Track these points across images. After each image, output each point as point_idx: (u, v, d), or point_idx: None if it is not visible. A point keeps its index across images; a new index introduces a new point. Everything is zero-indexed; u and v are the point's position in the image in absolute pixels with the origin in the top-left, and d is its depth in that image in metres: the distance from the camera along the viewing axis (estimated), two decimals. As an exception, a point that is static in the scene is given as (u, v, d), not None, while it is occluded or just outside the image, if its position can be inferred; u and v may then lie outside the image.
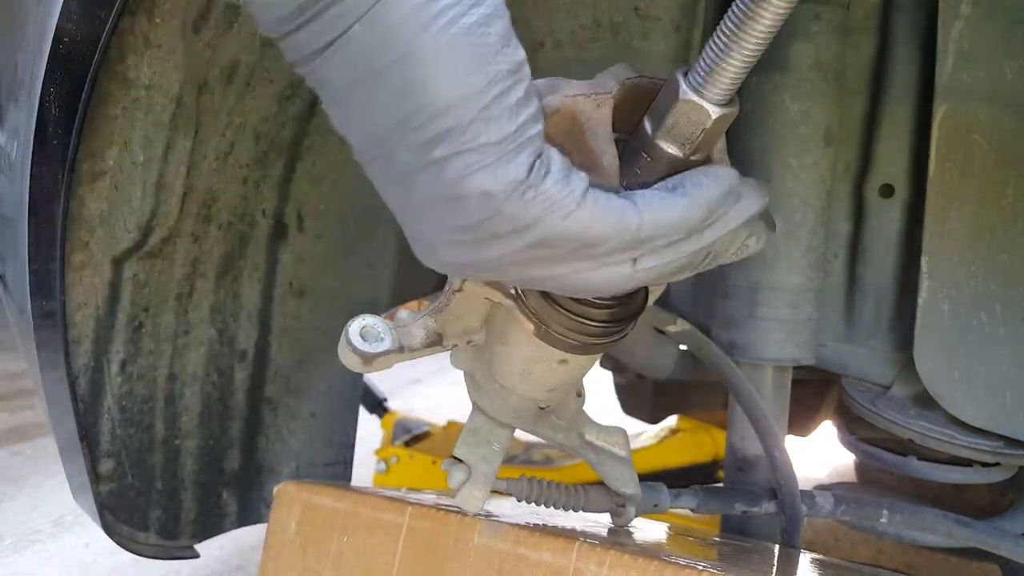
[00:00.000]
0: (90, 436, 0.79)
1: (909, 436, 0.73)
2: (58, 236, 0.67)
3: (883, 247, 0.76)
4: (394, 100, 0.31)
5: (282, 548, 0.62)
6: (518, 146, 0.32)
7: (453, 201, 0.32)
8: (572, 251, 0.34)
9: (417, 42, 0.30)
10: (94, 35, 0.57)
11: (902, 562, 1.31)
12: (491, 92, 0.31)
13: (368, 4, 0.30)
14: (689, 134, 0.36)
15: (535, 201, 0.32)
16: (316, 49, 0.32)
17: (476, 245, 0.34)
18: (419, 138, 0.31)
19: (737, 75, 0.34)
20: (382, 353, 0.43)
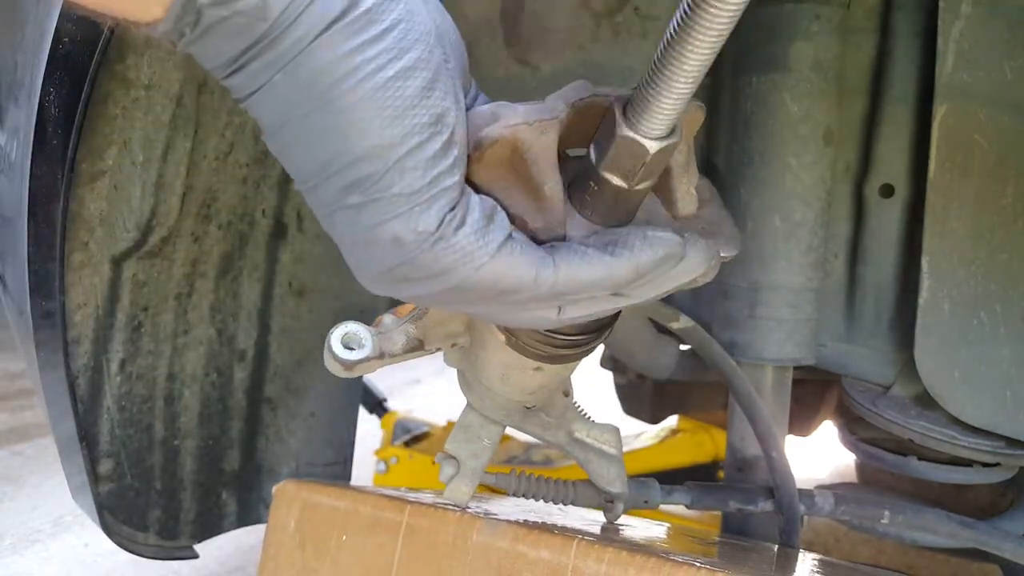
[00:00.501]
0: (89, 436, 0.79)
1: (909, 436, 0.73)
2: (57, 236, 0.67)
3: (883, 247, 0.76)
4: (314, 145, 0.33)
5: (281, 547, 0.62)
6: (431, 198, 0.33)
7: (368, 245, 0.34)
8: (489, 298, 0.35)
9: (333, 94, 0.31)
10: (94, 35, 0.57)
11: (903, 563, 1.30)
12: (406, 145, 0.32)
13: (289, 56, 0.31)
14: (630, 167, 0.35)
15: (446, 252, 0.33)
16: (248, 92, 0.33)
17: (395, 285, 0.35)
18: (337, 183, 0.33)
19: (672, 110, 0.33)
20: (362, 360, 0.44)
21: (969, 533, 0.69)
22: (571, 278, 0.35)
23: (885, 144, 0.74)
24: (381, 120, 0.31)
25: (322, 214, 0.35)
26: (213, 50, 0.32)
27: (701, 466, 1.56)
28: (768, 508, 0.68)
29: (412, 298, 0.36)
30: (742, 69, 0.74)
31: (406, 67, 0.32)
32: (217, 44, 0.32)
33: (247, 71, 0.32)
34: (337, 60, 0.31)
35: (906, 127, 0.73)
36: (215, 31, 0.31)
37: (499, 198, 0.36)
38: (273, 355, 0.94)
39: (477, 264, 0.34)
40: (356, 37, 0.31)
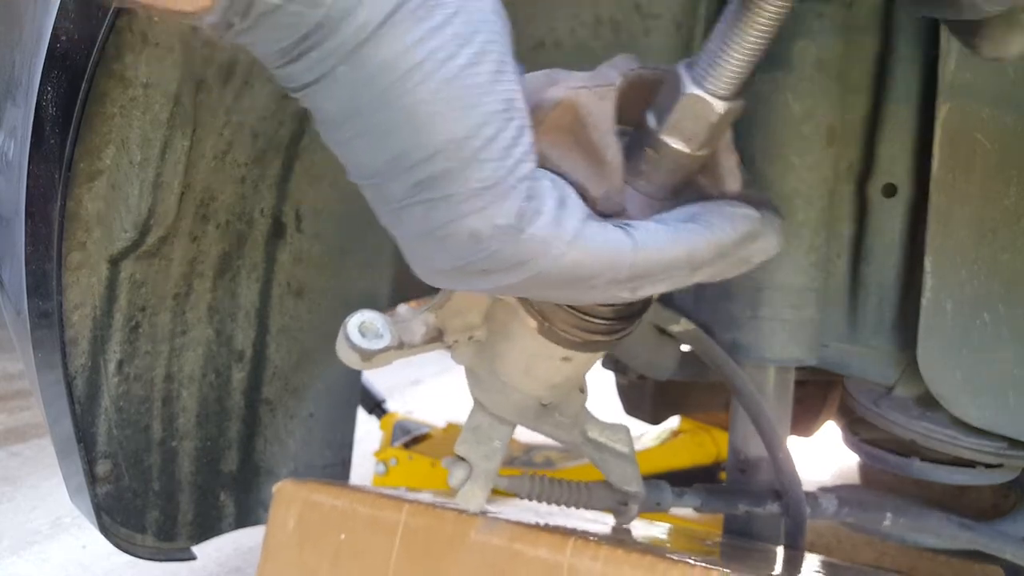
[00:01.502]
0: (87, 437, 0.78)
1: (912, 437, 0.73)
2: (55, 236, 0.66)
3: (886, 247, 0.76)
4: (382, 141, 0.31)
5: (280, 546, 0.62)
6: (508, 188, 0.31)
7: (441, 240, 0.32)
8: (567, 284, 0.34)
9: (402, 88, 0.30)
10: (91, 33, 0.57)
11: (905, 564, 1.30)
12: (481, 135, 0.30)
13: (350, 46, 0.30)
14: (695, 129, 0.34)
15: (525, 243, 0.32)
16: (305, 83, 0.32)
17: (467, 278, 0.34)
18: (409, 178, 0.31)
19: (741, 68, 0.32)
20: (381, 350, 0.42)
21: (970, 535, 0.69)
22: (650, 259, 0.34)
23: (888, 143, 0.74)
24: (454, 112, 0.30)
25: (386, 210, 0.34)
26: (264, 40, 0.31)
27: (702, 467, 1.55)
28: (776, 510, 0.68)
29: (482, 290, 0.35)
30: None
31: (476, 52, 0.30)
32: (268, 34, 0.30)
33: (304, 61, 0.31)
34: (404, 51, 0.29)
35: (909, 126, 0.73)
36: (266, 20, 0.30)
37: (559, 164, 0.35)
38: (271, 355, 0.93)
39: (556, 253, 0.32)
40: (422, 24, 0.29)
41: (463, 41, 0.30)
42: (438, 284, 0.36)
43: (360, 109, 0.31)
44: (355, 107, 0.31)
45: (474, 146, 0.30)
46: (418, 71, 0.29)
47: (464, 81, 0.30)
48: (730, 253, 0.35)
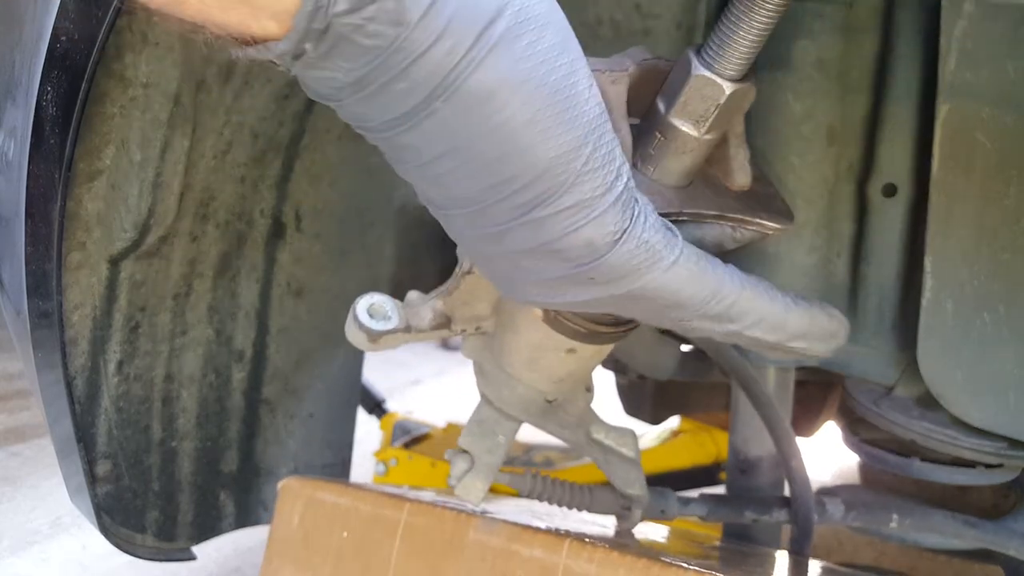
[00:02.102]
0: (87, 437, 0.78)
1: (912, 437, 0.72)
2: (55, 236, 0.66)
3: (886, 247, 0.76)
4: (487, 169, 0.30)
5: (285, 542, 0.63)
6: (618, 194, 0.30)
7: (552, 254, 0.31)
8: (661, 307, 0.33)
9: (505, 115, 0.28)
10: (91, 33, 0.57)
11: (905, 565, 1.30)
12: (587, 144, 0.29)
13: (442, 75, 0.27)
14: (703, 111, 0.35)
15: (638, 250, 0.31)
16: (388, 119, 0.29)
17: (573, 288, 0.33)
18: (516, 200, 0.30)
19: (750, 48, 0.33)
20: (388, 332, 0.42)
21: (974, 532, 0.69)
22: (749, 306, 0.33)
23: (888, 143, 0.74)
24: (561, 127, 0.28)
25: (481, 233, 0.32)
26: (338, 69, 0.28)
27: (702, 467, 1.55)
28: (782, 518, 0.68)
29: (578, 302, 0.34)
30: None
31: (570, 61, 0.29)
32: (343, 62, 0.28)
33: (387, 94, 0.28)
34: (505, 75, 0.27)
35: (909, 126, 0.73)
36: (343, 45, 0.27)
37: None
38: (271, 356, 0.93)
39: (665, 264, 0.31)
40: (518, 42, 0.27)
41: (558, 52, 0.28)
42: (532, 299, 0.35)
43: (459, 143, 0.29)
44: (454, 142, 0.29)
45: (583, 157, 0.29)
46: (520, 93, 0.28)
47: (566, 92, 0.29)
48: (814, 338, 0.36)
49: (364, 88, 0.28)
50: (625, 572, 0.45)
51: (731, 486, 0.83)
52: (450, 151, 0.30)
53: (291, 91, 0.80)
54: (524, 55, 0.28)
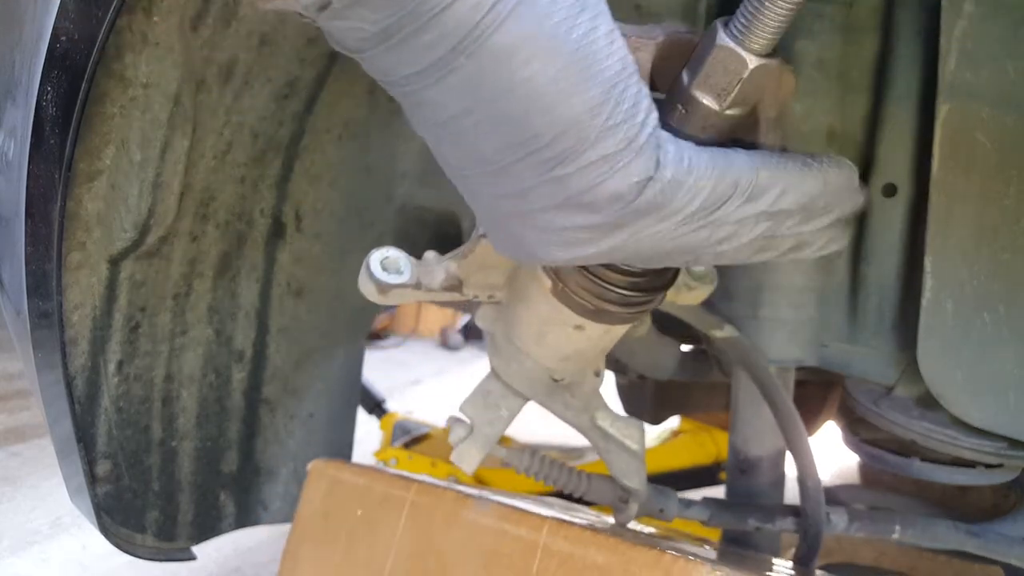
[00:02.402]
0: (87, 437, 0.78)
1: (912, 437, 0.72)
2: (55, 236, 0.66)
3: (886, 246, 0.76)
4: (509, 127, 0.30)
5: (309, 517, 0.68)
6: (641, 144, 0.30)
7: (578, 207, 0.31)
8: (698, 222, 0.33)
9: (528, 71, 0.28)
10: (91, 33, 0.57)
11: (905, 564, 1.30)
12: (609, 101, 0.29)
13: (466, 30, 0.27)
14: (725, 84, 0.34)
15: (663, 190, 0.31)
16: (410, 73, 0.29)
17: (596, 239, 0.33)
18: (539, 158, 0.30)
19: (778, 23, 0.32)
20: (399, 285, 0.42)
21: (977, 542, 0.69)
22: (767, 180, 0.33)
23: (888, 143, 0.74)
24: (584, 83, 0.29)
25: (506, 192, 0.32)
26: (363, 19, 0.28)
27: (702, 467, 1.55)
28: (787, 527, 0.67)
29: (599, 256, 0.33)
30: (744, 68, 0.74)
31: (592, 16, 0.29)
32: (369, 12, 0.28)
33: (410, 47, 0.28)
34: (530, 31, 0.27)
35: (909, 126, 0.73)
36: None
37: None
38: (271, 356, 0.93)
39: (694, 191, 0.31)
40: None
41: (579, 9, 0.28)
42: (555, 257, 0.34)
43: (482, 99, 0.29)
44: (476, 98, 0.29)
45: (605, 112, 0.29)
46: (544, 50, 0.28)
47: (587, 50, 0.29)
48: (832, 196, 0.35)
49: (389, 39, 0.29)
50: (596, 549, 0.48)
51: (731, 486, 0.83)
52: (472, 107, 0.30)
53: (291, 91, 0.80)
54: (546, 12, 0.28)
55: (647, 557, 0.46)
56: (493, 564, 0.53)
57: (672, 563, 0.45)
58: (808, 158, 0.35)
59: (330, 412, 1.00)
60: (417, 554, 0.58)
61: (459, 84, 0.29)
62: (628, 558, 0.46)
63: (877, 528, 0.69)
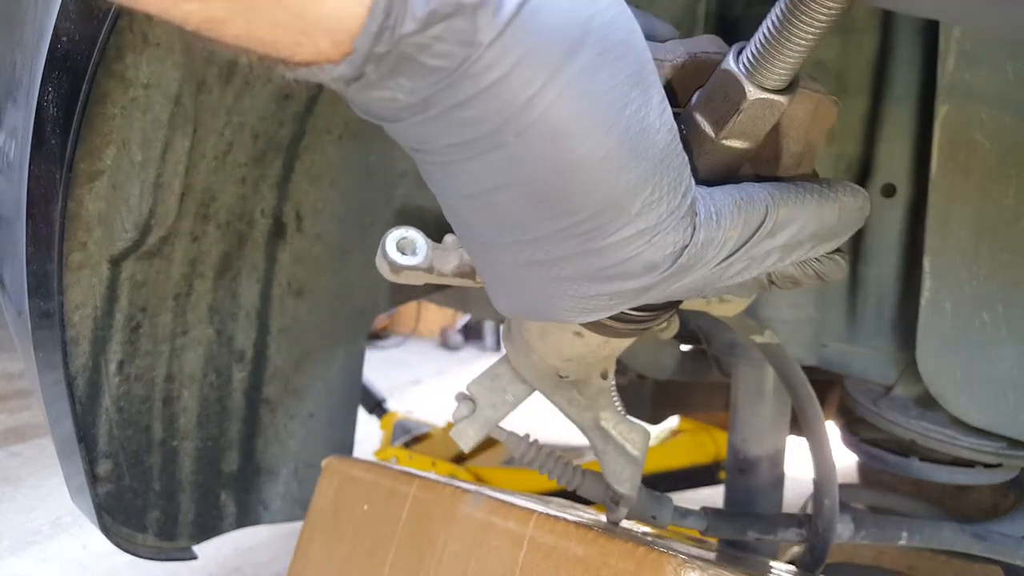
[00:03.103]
0: (88, 437, 0.79)
1: (911, 437, 0.73)
2: (56, 236, 0.66)
3: (885, 247, 0.76)
4: (549, 203, 0.28)
5: (321, 513, 0.70)
6: (682, 217, 0.29)
7: (610, 278, 0.30)
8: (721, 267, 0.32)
9: (581, 151, 0.26)
10: (92, 34, 0.57)
11: (904, 563, 1.30)
12: (656, 175, 0.28)
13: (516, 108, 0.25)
14: (723, 112, 0.31)
15: (695, 255, 0.31)
16: (449, 145, 0.27)
17: (621, 304, 0.32)
18: (576, 231, 0.29)
19: (785, 59, 0.29)
20: (411, 267, 0.42)
21: (984, 545, 0.69)
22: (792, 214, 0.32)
23: (887, 144, 0.74)
24: (632, 163, 0.27)
25: (531, 260, 0.30)
26: (398, 89, 0.26)
27: (702, 467, 1.56)
28: (788, 538, 0.67)
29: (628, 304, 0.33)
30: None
31: (644, 91, 0.27)
32: (404, 82, 0.25)
33: (448, 120, 0.26)
34: (582, 114, 0.25)
35: (908, 127, 0.73)
36: (406, 66, 0.25)
37: None
38: (272, 356, 0.93)
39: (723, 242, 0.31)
40: (598, 75, 0.25)
41: (634, 83, 0.27)
42: (566, 318, 0.33)
43: (524, 177, 0.27)
44: (518, 175, 0.27)
45: (650, 187, 0.28)
46: (596, 131, 0.26)
47: (639, 127, 0.27)
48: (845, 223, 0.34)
49: (427, 110, 0.26)
50: (577, 542, 0.51)
51: (730, 485, 0.83)
52: (512, 184, 0.28)
53: (291, 92, 0.80)
54: (602, 90, 0.26)
55: (623, 549, 0.49)
56: (483, 555, 0.55)
57: (645, 555, 0.47)
58: (825, 187, 0.34)
59: (330, 412, 1.01)
60: (416, 546, 0.60)
61: (502, 161, 0.27)
62: (606, 550, 0.49)
63: (884, 535, 0.68)
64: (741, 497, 0.82)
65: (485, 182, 0.28)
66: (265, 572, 1.48)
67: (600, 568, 0.48)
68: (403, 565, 0.60)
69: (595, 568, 0.49)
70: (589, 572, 0.49)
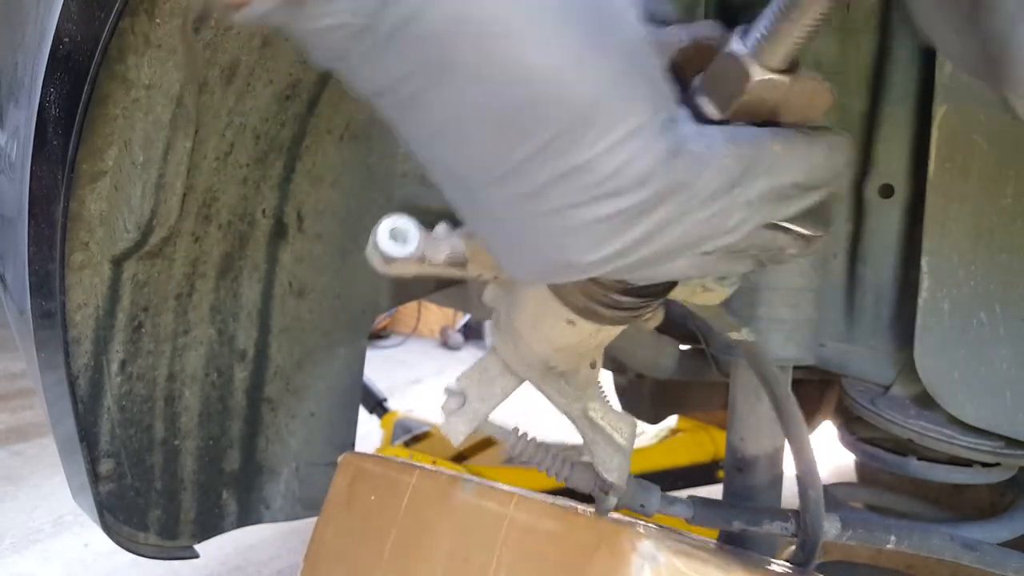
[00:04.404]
0: (90, 436, 0.79)
1: (909, 436, 0.73)
2: (58, 236, 0.67)
3: (883, 247, 0.76)
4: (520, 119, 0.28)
5: (336, 506, 0.74)
6: (665, 119, 0.28)
7: (604, 196, 0.29)
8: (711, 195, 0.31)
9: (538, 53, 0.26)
10: (94, 35, 0.58)
11: (901, 562, 1.31)
12: (624, 79, 0.27)
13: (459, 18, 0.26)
14: (727, 93, 0.31)
15: (688, 169, 0.29)
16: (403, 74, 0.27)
17: (623, 229, 0.30)
18: (556, 148, 0.28)
19: (790, 35, 0.29)
20: (403, 258, 0.42)
21: (973, 556, 0.69)
22: (787, 150, 0.31)
23: (885, 144, 0.74)
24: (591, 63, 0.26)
25: (520, 194, 0.29)
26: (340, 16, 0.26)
27: (701, 466, 1.56)
28: (775, 531, 0.67)
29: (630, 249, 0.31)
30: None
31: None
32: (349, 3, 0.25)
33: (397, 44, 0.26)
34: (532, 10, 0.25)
35: (906, 127, 0.73)
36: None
37: None
38: (273, 355, 0.94)
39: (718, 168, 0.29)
40: None
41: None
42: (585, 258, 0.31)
43: (484, 93, 0.27)
44: (478, 92, 0.27)
45: (620, 91, 0.27)
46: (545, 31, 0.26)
47: (594, 25, 0.27)
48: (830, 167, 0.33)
49: (375, 32, 0.26)
50: (549, 519, 0.56)
51: (729, 484, 0.83)
52: (478, 105, 0.27)
53: (293, 92, 0.80)
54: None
55: (586, 523, 0.54)
56: (469, 534, 0.60)
57: (606, 527, 0.52)
58: (808, 131, 0.34)
59: (331, 411, 1.01)
60: (413, 531, 0.64)
61: (463, 79, 0.27)
62: (572, 524, 0.55)
63: (872, 537, 0.68)
64: (740, 496, 0.82)
65: (452, 109, 0.28)
66: (266, 570, 1.49)
67: (567, 540, 0.54)
68: (402, 546, 0.65)
69: (562, 541, 0.54)
70: (558, 544, 0.54)
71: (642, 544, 0.50)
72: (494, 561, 0.56)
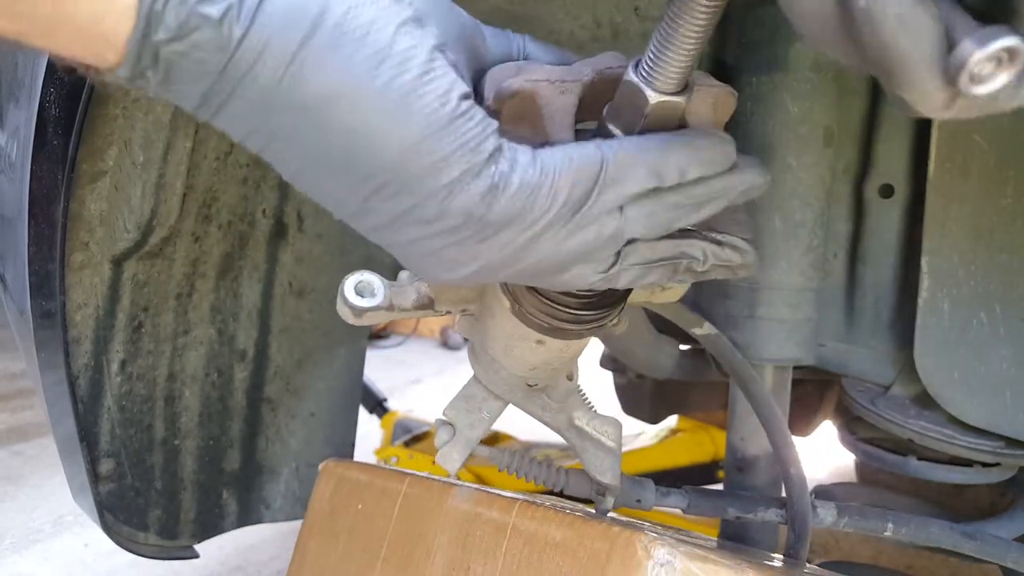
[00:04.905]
0: (90, 436, 0.79)
1: (908, 436, 0.73)
2: (58, 236, 0.67)
3: (883, 247, 0.76)
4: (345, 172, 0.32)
5: (318, 515, 0.72)
6: (483, 162, 0.32)
7: (441, 232, 0.33)
8: (561, 218, 0.34)
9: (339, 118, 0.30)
10: (94, 35, 0.57)
11: (902, 563, 1.31)
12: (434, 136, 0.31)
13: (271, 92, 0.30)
14: (631, 119, 0.35)
15: (514, 199, 0.33)
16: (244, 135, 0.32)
17: (470, 257, 0.34)
18: (383, 196, 0.32)
19: (679, 62, 0.33)
20: (371, 308, 0.45)
21: (972, 544, 0.69)
22: (628, 160, 0.34)
23: (885, 144, 0.74)
24: (399, 125, 0.30)
25: (376, 226, 0.34)
26: (183, 92, 0.31)
27: (701, 466, 1.56)
28: (769, 518, 0.68)
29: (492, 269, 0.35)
30: (742, 70, 0.74)
31: (399, 63, 0.31)
32: (185, 86, 0.30)
33: (230, 113, 0.31)
34: (335, 83, 0.30)
35: (906, 127, 0.73)
36: (178, 71, 0.30)
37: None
38: (273, 355, 0.94)
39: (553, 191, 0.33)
40: (340, 49, 0.30)
41: (380, 59, 0.30)
42: (446, 276, 0.36)
43: (310, 153, 0.31)
44: (306, 153, 0.32)
45: (431, 145, 0.31)
46: (350, 100, 0.30)
47: (398, 92, 0.31)
48: (707, 166, 0.35)
49: (208, 109, 0.31)
50: (555, 527, 0.53)
51: (729, 484, 0.83)
52: (312, 159, 0.32)
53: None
54: (349, 64, 0.30)
55: (597, 530, 0.51)
56: (469, 544, 0.57)
57: (618, 534, 0.49)
58: (680, 134, 0.36)
59: (331, 411, 1.01)
60: (407, 540, 0.62)
61: (290, 141, 0.31)
62: (582, 532, 0.51)
63: (868, 524, 0.69)
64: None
65: (294, 162, 0.33)
66: (266, 570, 1.49)
67: (576, 549, 0.50)
68: (396, 559, 0.62)
69: (572, 550, 0.51)
70: (567, 554, 0.51)
71: (656, 550, 0.47)
72: (498, 573, 0.54)
